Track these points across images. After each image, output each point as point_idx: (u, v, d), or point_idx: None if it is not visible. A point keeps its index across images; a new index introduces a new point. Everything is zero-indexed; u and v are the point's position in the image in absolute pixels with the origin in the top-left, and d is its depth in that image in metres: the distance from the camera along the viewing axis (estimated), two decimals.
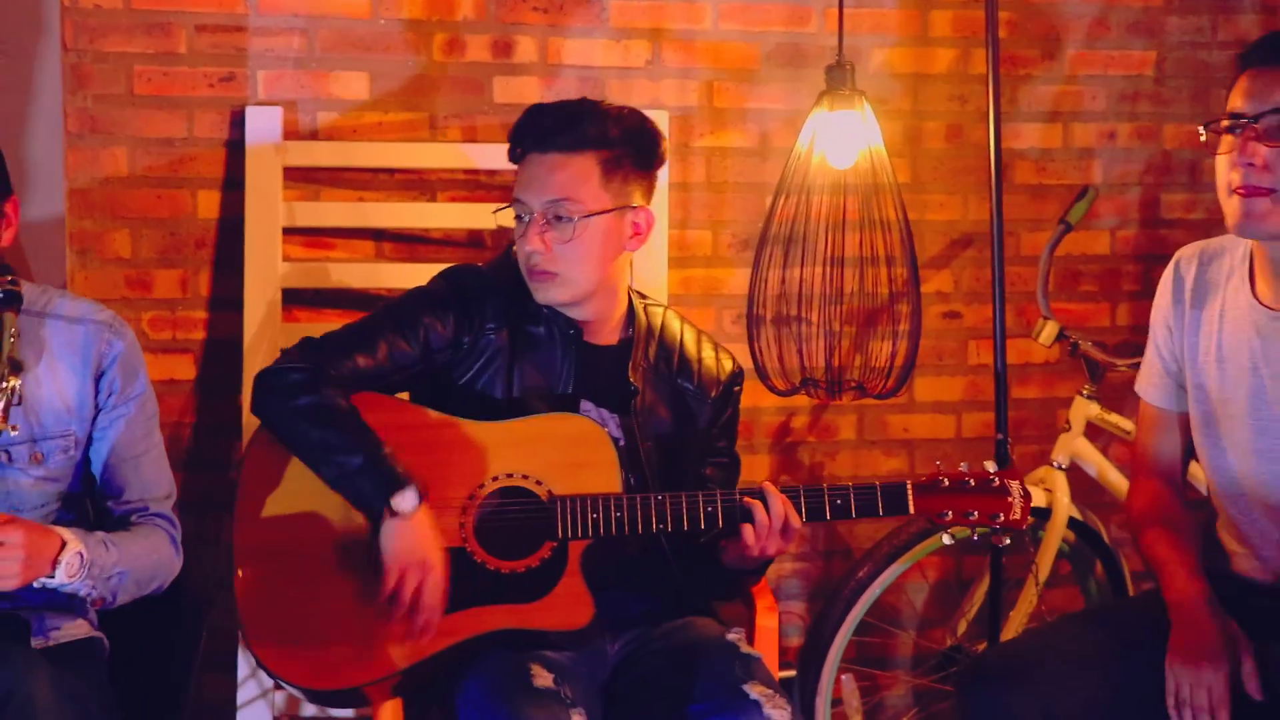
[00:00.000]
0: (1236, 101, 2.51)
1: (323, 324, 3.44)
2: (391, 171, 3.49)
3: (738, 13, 3.61)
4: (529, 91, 3.53)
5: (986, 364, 3.74)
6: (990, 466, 2.67)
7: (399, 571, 2.51)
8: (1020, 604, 3.40)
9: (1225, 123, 2.50)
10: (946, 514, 2.64)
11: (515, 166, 2.75)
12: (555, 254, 2.67)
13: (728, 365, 2.87)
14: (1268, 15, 3.86)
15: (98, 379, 2.57)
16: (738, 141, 3.63)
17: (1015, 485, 2.65)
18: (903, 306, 3.35)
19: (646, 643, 2.71)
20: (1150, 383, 2.77)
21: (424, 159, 3.47)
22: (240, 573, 2.60)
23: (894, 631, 3.78)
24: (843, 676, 3.44)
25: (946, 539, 2.69)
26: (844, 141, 3.22)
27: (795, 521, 2.61)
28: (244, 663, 3.26)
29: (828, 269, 3.34)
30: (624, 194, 2.71)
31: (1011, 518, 2.64)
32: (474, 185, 3.52)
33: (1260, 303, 2.57)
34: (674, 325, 2.86)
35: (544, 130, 2.70)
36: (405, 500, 2.51)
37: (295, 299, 3.42)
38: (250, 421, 3.29)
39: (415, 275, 3.43)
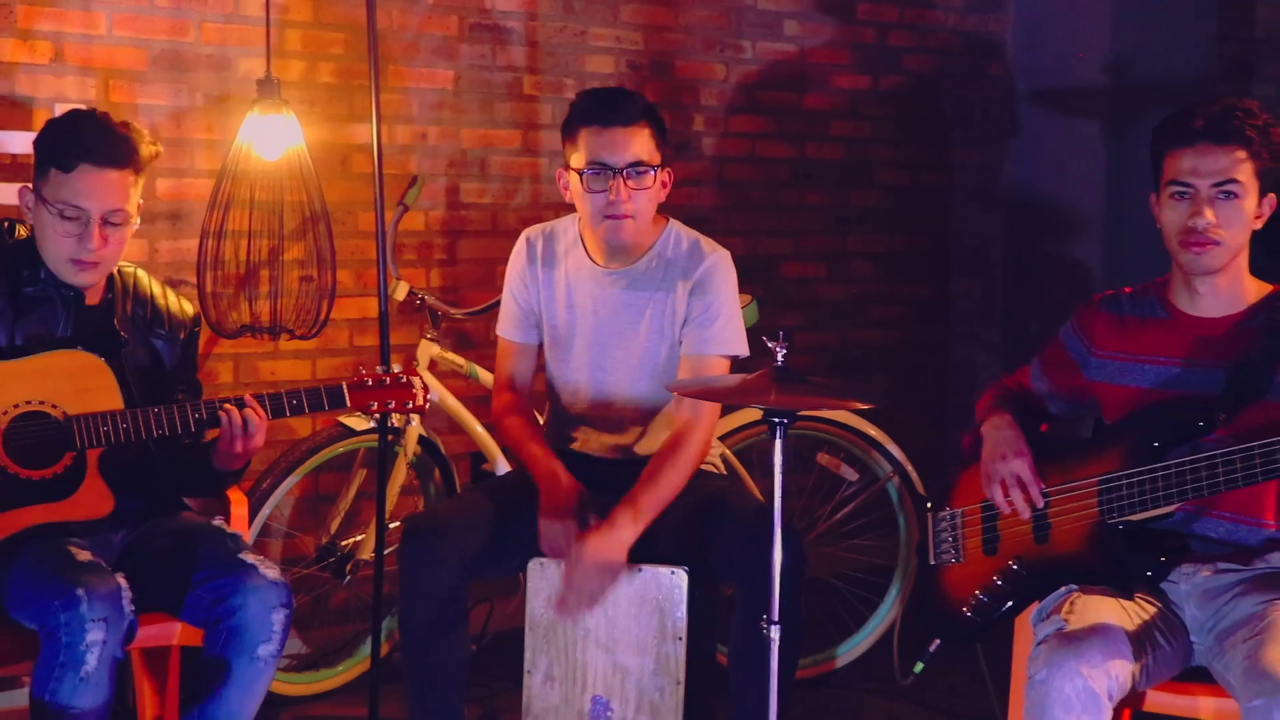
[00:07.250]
0: (601, 153, 3.43)
1: None
2: None
3: (128, 22, 4.20)
4: None
5: (335, 319, 4.57)
6: (397, 367, 3.50)
7: None
8: (386, 502, 4.26)
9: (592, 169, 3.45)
10: (373, 404, 3.42)
11: None
12: None
13: (189, 311, 3.49)
14: (532, 48, 4.93)
15: None
16: None
17: (416, 379, 3.47)
18: (327, 270, 4.18)
19: (145, 531, 3.34)
20: (509, 324, 3.71)
21: None
22: None
23: (284, 533, 4.53)
24: None
25: (371, 422, 3.60)
26: (272, 140, 3.98)
27: (255, 419, 3.25)
28: None
29: (255, 240, 4.10)
30: None
31: (417, 403, 3.46)
32: None
33: (595, 264, 3.62)
34: (144, 281, 3.44)
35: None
36: None
37: None
38: None
39: None
